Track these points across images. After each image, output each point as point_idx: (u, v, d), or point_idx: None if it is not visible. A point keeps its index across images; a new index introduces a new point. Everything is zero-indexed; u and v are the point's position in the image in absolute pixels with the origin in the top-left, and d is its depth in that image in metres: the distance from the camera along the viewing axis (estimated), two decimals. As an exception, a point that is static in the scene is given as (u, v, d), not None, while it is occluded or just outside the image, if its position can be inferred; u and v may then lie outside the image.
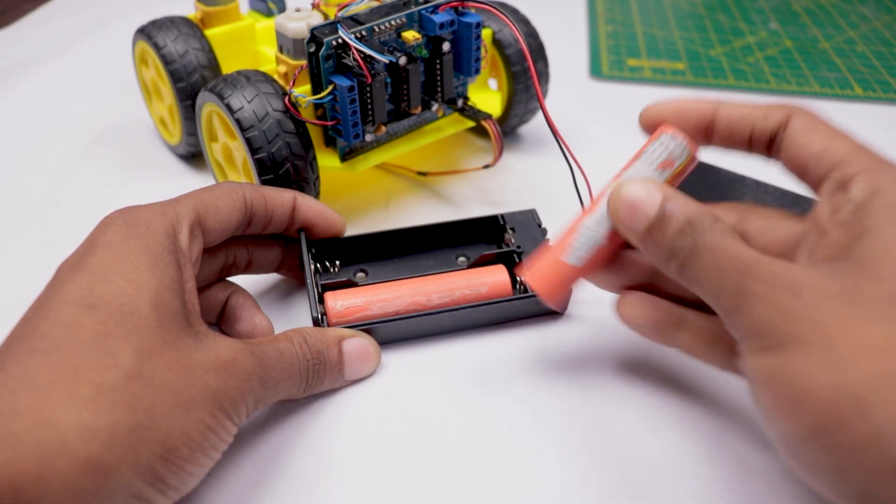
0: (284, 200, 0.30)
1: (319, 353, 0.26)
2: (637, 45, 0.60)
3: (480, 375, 0.29)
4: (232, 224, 0.27)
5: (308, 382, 0.26)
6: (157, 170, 0.43)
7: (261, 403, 0.24)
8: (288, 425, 0.27)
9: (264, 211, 0.29)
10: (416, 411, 0.28)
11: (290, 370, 0.25)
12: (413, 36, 0.32)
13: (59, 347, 0.20)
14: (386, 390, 0.28)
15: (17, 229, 0.38)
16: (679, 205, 0.22)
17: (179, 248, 0.24)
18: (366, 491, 0.25)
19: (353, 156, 0.35)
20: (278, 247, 0.32)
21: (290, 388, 0.26)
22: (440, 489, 0.25)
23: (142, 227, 0.23)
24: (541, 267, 0.25)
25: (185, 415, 0.21)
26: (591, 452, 0.26)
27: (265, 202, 0.29)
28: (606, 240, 0.24)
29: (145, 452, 0.19)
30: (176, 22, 0.39)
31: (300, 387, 0.26)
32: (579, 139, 0.45)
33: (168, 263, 0.23)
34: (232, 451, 0.26)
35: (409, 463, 0.26)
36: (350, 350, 0.28)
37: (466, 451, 0.26)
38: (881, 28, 0.64)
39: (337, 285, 0.30)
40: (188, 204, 0.26)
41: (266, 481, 0.25)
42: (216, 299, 0.30)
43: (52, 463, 0.18)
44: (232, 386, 0.22)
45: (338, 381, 0.28)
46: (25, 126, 0.47)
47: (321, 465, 0.26)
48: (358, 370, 0.28)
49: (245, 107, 0.31)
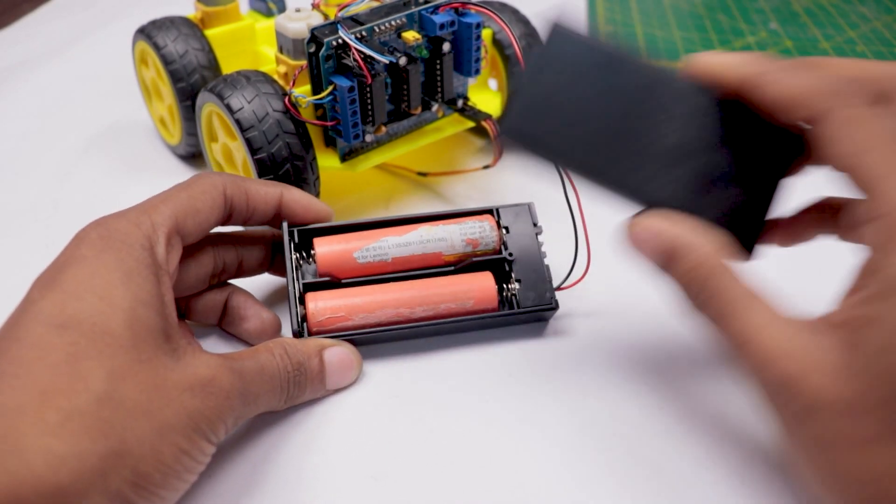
0: (268, 196, 0.29)
1: (300, 364, 0.26)
2: (637, 45, 0.60)
3: (477, 376, 0.29)
4: (211, 223, 0.27)
5: (289, 394, 0.26)
6: (157, 170, 0.43)
7: (241, 419, 0.24)
8: (288, 425, 0.27)
9: (245, 206, 0.28)
10: (416, 411, 0.28)
11: (271, 383, 0.25)
12: (413, 36, 0.32)
13: (29, 371, 0.19)
14: (386, 390, 0.28)
15: (17, 229, 0.38)
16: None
17: (157, 260, 0.23)
18: (366, 491, 0.25)
19: (353, 156, 0.35)
20: (266, 245, 0.31)
21: (272, 401, 0.25)
22: (440, 489, 0.25)
23: (116, 241, 0.23)
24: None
25: (159, 439, 0.20)
26: (592, 452, 0.26)
27: (246, 197, 0.28)
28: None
29: (116, 479, 0.19)
30: (176, 22, 0.39)
31: (281, 399, 0.26)
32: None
33: (145, 278, 0.22)
34: (231, 452, 0.26)
35: (408, 464, 0.26)
36: (331, 360, 0.27)
37: (466, 450, 0.26)
38: (881, 28, 0.64)
39: (319, 285, 0.29)
40: (165, 211, 0.25)
41: (265, 482, 0.25)
42: (214, 301, 0.30)
43: (20, 492, 0.17)
44: (210, 406, 0.22)
45: (319, 391, 0.27)
46: (25, 126, 0.47)
47: (321, 465, 0.26)
48: (340, 379, 0.28)
49: (245, 107, 0.31)
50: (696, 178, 0.24)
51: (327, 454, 0.26)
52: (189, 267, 0.28)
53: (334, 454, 0.26)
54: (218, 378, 0.22)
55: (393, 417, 0.27)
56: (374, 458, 0.26)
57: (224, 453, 0.26)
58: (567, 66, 0.24)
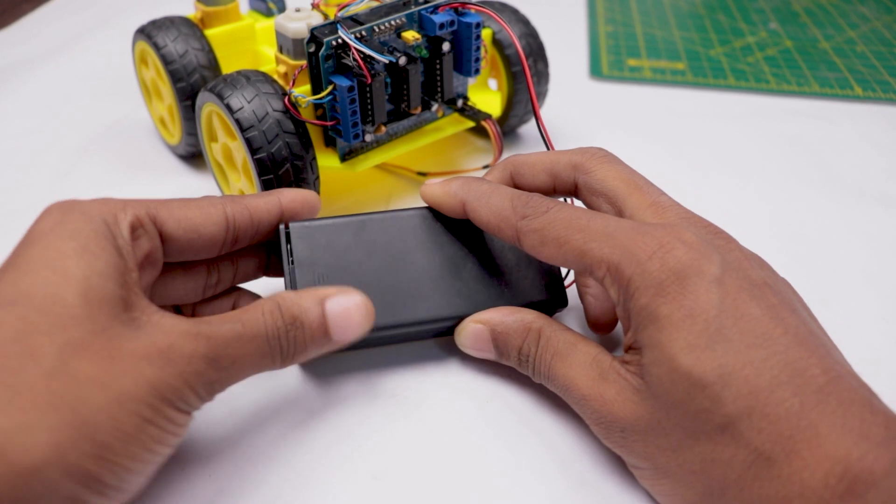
0: (269, 206, 0.28)
1: (295, 317, 0.24)
2: (637, 45, 0.60)
3: (480, 375, 0.29)
4: (207, 238, 0.26)
5: (284, 352, 0.24)
6: (157, 170, 0.43)
7: (220, 384, 0.22)
8: (288, 424, 0.27)
9: (250, 224, 0.27)
10: (416, 411, 0.28)
11: (255, 343, 0.23)
12: (413, 36, 0.32)
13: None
14: (386, 390, 0.29)
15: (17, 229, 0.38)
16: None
17: (119, 233, 0.22)
18: (366, 491, 0.25)
19: (353, 156, 0.35)
20: (260, 251, 0.30)
21: (260, 362, 0.23)
22: (440, 489, 0.25)
23: (76, 213, 0.22)
24: None
25: (118, 408, 0.19)
26: (592, 452, 0.26)
27: (249, 214, 0.27)
28: None
29: (74, 452, 0.18)
30: (176, 22, 0.39)
31: (275, 359, 0.24)
32: (579, 139, 0.45)
33: (102, 248, 0.21)
34: (231, 451, 0.26)
35: (408, 464, 0.26)
36: (334, 309, 0.25)
37: (466, 450, 0.26)
38: (881, 28, 0.64)
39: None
40: (144, 202, 0.24)
41: (265, 482, 0.25)
42: (222, 307, 0.29)
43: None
44: (171, 373, 0.21)
45: (324, 345, 0.25)
46: (25, 126, 0.47)
47: (321, 465, 0.26)
48: (347, 331, 0.25)
49: (245, 107, 0.31)
50: (482, 278, 0.28)
51: (327, 454, 0.26)
52: (178, 278, 0.27)
53: (334, 454, 0.26)
54: (177, 345, 0.21)
55: (393, 417, 0.27)
56: (374, 458, 0.26)
57: (224, 453, 0.26)
58: (325, 249, 0.28)
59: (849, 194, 0.41)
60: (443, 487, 0.25)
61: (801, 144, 0.46)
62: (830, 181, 0.42)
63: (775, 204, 0.40)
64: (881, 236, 0.38)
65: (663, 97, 0.52)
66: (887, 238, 0.38)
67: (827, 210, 0.40)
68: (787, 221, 0.39)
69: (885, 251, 0.37)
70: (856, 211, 0.40)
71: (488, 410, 0.28)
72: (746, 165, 0.44)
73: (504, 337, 0.27)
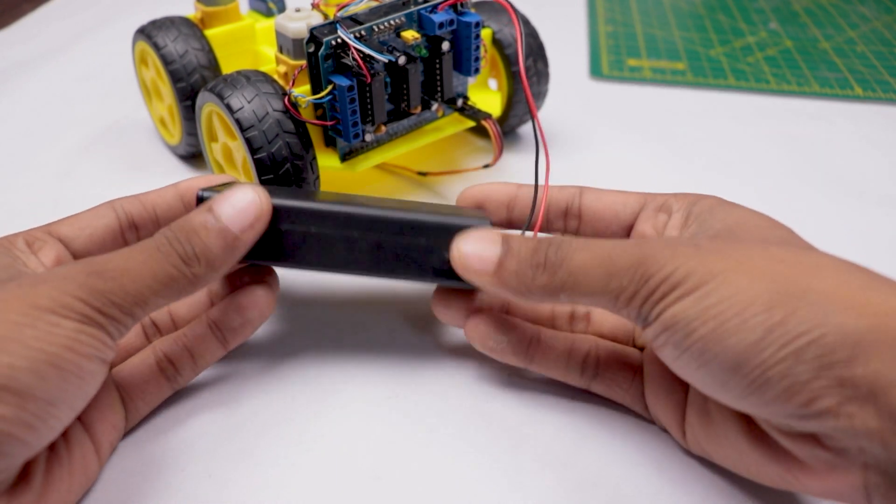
0: (163, 193, 0.29)
1: (183, 228, 0.24)
2: (637, 45, 0.60)
3: (479, 375, 0.29)
4: (101, 230, 0.27)
5: (185, 256, 0.23)
6: (157, 170, 0.43)
7: (116, 295, 0.22)
8: (288, 424, 0.27)
9: (143, 210, 0.28)
10: (416, 411, 0.28)
11: (145, 252, 0.23)
12: (412, 35, 0.32)
13: None
14: (386, 390, 0.29)
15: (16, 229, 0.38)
16: (517, 238, 0.25)
17: (16, 246, 0.25)
18: (366, 491, 0.25)
19: (353, 156, 0.35)
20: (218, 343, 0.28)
21: (161, 269, 0.23)
22: (441, 489, 0.25)
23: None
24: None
25: (5, 327, 0.20)
26: (592, 453, 0.26)
27: (140, 203, 0.28)
28: None
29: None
30: (176, 22, 0.39)
31: (176, 264, 0.23)
32: (579, 139, 0.45)
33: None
34: (231, 451, 0.26)
35: (408, 464, 0.26)
36: (221, 204, 0.24)
37: (467, 450, 0.26)
38: (881, 28, 0.64)
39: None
40: (41, 227, 0.27)
41: (265, 482, 0.25)
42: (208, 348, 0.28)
43: None
44: (48, 287, 0.21)
45: (228, 238, 0.24)
46: (25, 126, 0.47)
47: (322, 465, 0.26)
48: (243, 216, 0.24)
49: (245, 107, 0.31)
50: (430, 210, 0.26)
51: (328, 454, 0.26)
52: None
53: (334, 454, 0.26)
54: (54, 270, 0.23)
55: (393, 417, 0.27)
56: (374, 458, 0.26)
57: (224, 453, 0.26)
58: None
59: (849, 194, 0.41)
60: (443, 487, 0.25)
61: (801, 144, 0.46)
62: (830, 181, 0.42)
63: (775, 204, 0.40)
64: (881, 236, 0.38)
65: (663, 97, 0.52)
66: (887, 238, 0.38)
67: (827, 210, 0.40)
68: (787, 221, 0.39)
69: (885, 251, 0.37)
70: (856, 211, 0.40)
71: (488, 410, 0.28)
72: (746, 165, 0.44)
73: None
